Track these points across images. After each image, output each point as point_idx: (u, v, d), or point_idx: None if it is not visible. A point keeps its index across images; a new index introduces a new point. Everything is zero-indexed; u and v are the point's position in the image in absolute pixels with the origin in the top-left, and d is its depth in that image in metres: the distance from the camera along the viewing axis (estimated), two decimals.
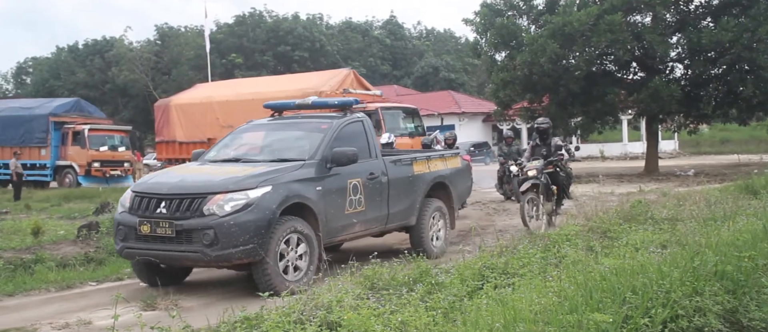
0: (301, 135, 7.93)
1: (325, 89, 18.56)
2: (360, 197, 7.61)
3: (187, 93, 24.73)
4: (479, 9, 25.02)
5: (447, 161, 9.39)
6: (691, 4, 24.16)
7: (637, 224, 7.96)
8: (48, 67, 61.32)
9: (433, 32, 73.79)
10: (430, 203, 8.78)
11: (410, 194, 8.43)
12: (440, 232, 9.00)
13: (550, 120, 11.46)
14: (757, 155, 28.89)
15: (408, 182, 8.41)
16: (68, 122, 25.19)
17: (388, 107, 19.32)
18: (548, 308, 3.98)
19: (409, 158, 8.71)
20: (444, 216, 9.07)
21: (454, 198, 9.38)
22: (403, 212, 8.35)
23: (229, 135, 8.62)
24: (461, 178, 9.73)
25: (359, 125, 8.12)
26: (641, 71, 24.99)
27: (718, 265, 4.50)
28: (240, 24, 55.32)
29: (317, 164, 7.20)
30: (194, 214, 6.45)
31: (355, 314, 4.26)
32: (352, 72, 20.36)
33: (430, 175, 8.82)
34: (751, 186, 11.91)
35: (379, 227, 8.17)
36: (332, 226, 7.26)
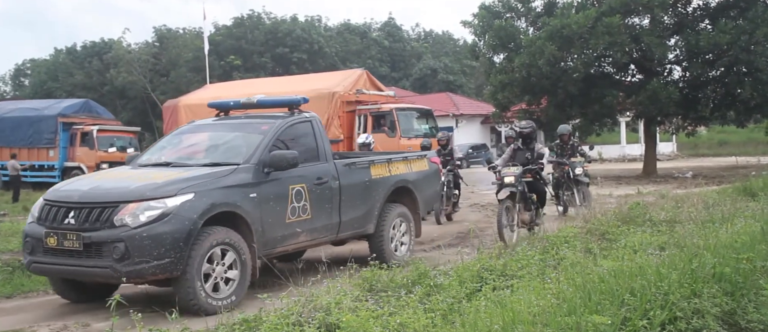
0: (240, 137, 7.35)
1: (338, 89, 18.42)
2: (305, 204, 7.02)
3: (196, 94, 24.39)
4: (477, 11, 25.05)
5: (411, 163, 8.76)
6: (689, 7, 24.21)
7: (636, 226, 7.97)
8: (46, 69, 61.22)
9: (432, 34, 73.83)
10: (392, 209, 8.23)
11: (367, 200, 7.85)
12: (404, 240, 8.46)
13: (538, 123, 11.39)
14: (754, 157, 28.91)
15: (364, 188, 7.82)
16: (77, 123, 24.97)
17: (402, 108, 19.21)
18: (547, 310, 3.98)
19: (365, 161, 8.13)
20: (408, 223, 8.51)
21: (420, 204, 8.75)
22: (359, 219, 7.78)
23: (168, 136, 8.08)
24: (428, 182, 9.10)
25: (307, 126, 7.55)
26: (639, 73, 25.02)
27: (716, 267, 4.51)
28: (238, 26, 55.31)
29: (252, 169, 6.62)
30: (104, 225, 5.85)
31: (354, 316, 4.26)
32: (365, 72, 20.19)
33: (391, 179, 8.21)
34: (749, 188, 11.93)
35: (330, 237, 7.58)
36: (270, 236, 6.67)
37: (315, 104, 18.57)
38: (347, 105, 18.55)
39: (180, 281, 5.88)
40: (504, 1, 25.13)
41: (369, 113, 18.55)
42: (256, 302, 5.57)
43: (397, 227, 8.34)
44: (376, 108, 18.66)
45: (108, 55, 54.62)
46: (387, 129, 18.16)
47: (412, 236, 8.60)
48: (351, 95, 18.64)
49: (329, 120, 18.09)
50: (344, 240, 8.18)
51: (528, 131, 9.86)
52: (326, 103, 18.19)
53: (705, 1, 24.03)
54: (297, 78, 28.24)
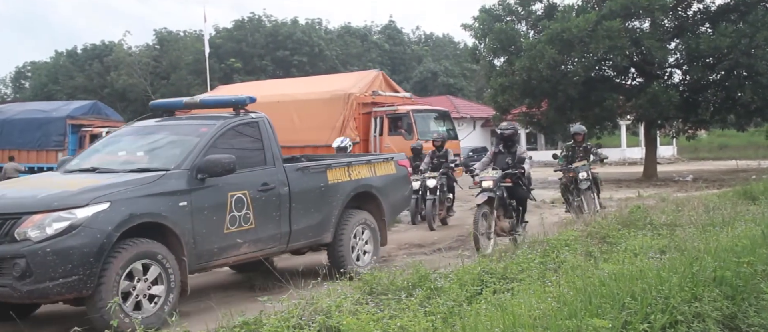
0: (175, 140, 6.78)
1: (354, 90, 18.27)
2: (247, 213, 6.49)
3: (210, 95, 24.59)
4: (478, 14, 25.06)
5: (375, 167, 8.20)
6: (690, 10, 24.23)
7: (636, 229, 7.97)
8: (46, 71, 61.27)
9: (432, 37, 73.86)
10: (353, 217, 7.72)
11: (323, 206, 7.33)
12: (367, 248, 7.95)
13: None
14: (755, 160, 28.89)
15: (319, 194, 7.31)
16: (85, 125, 24.67)
17: (419, 110, 18.90)
18: (547, 313, 3.98)
19: (322, 165, 7.59)
20: (372, 231, 7.98)
21: (386, 210, 8.20)
22: (314, 227, 7.25)
23: (104, 139, 7.59)
24: (395, 187, 8.51)
25: (253, 128, 7.04)
26: (640, 77, 25.03)
27: (716, 271, 4.51)
28: (239, 29, 55.34)
29: (184, 175, 6.09)
30: (4, 239, 5.29)
31: (354, 319, 4.26)
32: (380, 73, 20.00)
33: (351, 184, 7.71)
34: (750, 192, 11.93)
35: (279, 247, 7.03)
36: (205, 248, 6.15)
37: (330, 105, 18.27)
38: (363, 107, 18.33)
39: (92, 300, 5.35)
40: (504, 4, 25.16)
41: (385, 114, 18.30)
42: (257, 305, 5.57)
43: (360, 236, 7.81)
44: (393, 110, 18.39)
45: (108, 58, 54.69)
46: (404, 131, 17.85)
47: (377, 245, 8.06)
48: (367, 96, 18.43)
49: (345, 122, 17.94)
50: (301, 250, 7.73)
51: (509, 134, 9.29)
52: (342, 104, 18.07)
53: (705, 4, 24.06)
54: (312, 79, 27.95)
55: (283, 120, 18.87)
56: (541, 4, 25.08)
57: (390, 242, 10.46)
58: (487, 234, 8.64)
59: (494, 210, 8.72)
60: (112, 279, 5.37)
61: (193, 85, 48.91)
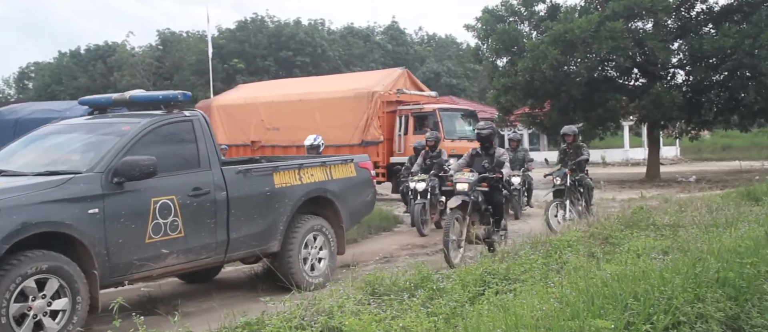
0: (93, 140, 6.21)
1: (378, 88, 18.05)
2: (175, 221, 5.90)
3: (230, 94, 24.17)
4: (481, 15, 25.06)
5: (331, 169, 7.61)
6: (693, 11, 24.19)
7: (639, 230, 7.96)
8: (50, 72, 61.41)
9: (435, 38, 73.83)
10: (304, 223, 7.13)
11: (268, 213, 6.73)
12: (322, 258, 7.36)
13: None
14: (758, 161, 28.83)
15: (263, 199, 6.71)
16: None
17: (445, 108, 18.56)
18: (550, 314, 3.98)
19: (267, 167, 7.05)
20: (328, 238, 7.40)
21: (344, 216, 7.64)
22: (257, 235, 6.65)
23: (26, 137, 6.93)
24: (355, 191, 7.93)
25: (185, 127, 6.39)
26: (643, 77, 25.00)
27: (720, 272, 4.50)
28: (242, 29, 55.39)
29: (97, 178, 5.48)
30: None
31: (357, 319, 4.26)
32: (405, 71, 19.77)
33: (302, 188, 7.12)
34: (753, 193, 11.92)
35: (216, 257, 6.43)
36: (121, 260, 5.56)
37: (354, 103, 18.17)
38: (387, 105, 18.07)
39: None
40: (507, 5, 25.15)
41: (410, 113, 17.95)
42: (259, 305, 5.57)
43: (312, 244, 7.23)
44: (418, 108, 18.05)
45: (112, 59, 54.81)
46: (429, 130, 17.59)
47: (332, 254, 7.46)
48: (391, 94, 18.15)
49: (368, 121, 17.83)
50: (236, 260, 7.14)
51: (486, 134, 8.71)
52: (365, 103, 17.90)
53: (709, 5, 24.01)
54: (335, 77, 27.76)
55: (305, 119, 18.88)
56: (544, 5, 25.07)
57: (392, 243, 10.47)
58: (457, 242, 8.02)
59: (467, 216, 8.16)
60: (1, 298, 4.75)
61: (197, 85, 48.98)
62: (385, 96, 18.00)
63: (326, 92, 19.77)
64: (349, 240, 10.66)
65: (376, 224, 11.85)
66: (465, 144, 17.02)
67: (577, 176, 10.85)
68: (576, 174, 10.84)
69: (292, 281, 6.60)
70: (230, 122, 21.20)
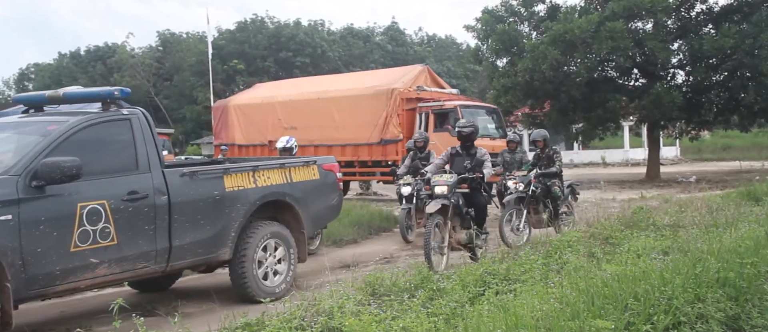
0: (17, 140, 5.76)
1: (398, 85, 17.73)
2: (106, 227, 5.41)
3: (247, 93, 23.91)
4: (480, 15, 25.09)
5: (291, 172, 7.15)
6: (693, 11, 24.21)
7: (639, 230, 7.96)
8: (50, 73, 61.45)
9: (435, 38, 73.84)
10: (260, 229, 6.68)
11: (217, 218, 6.27)
12: (280, 266, 6.89)
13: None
14: (759, 161, 28.83)
15: (212, 203, 6.25)
16: None
17: (467, 105, 18.01)
18: (550, 314, 3.97)
19: (218, 169, 6.56)
20: (287, 245, 6.93)
21: (305, 221, 7.18)
22: (205, 242, 6.19)
23: None
24: (318, 195, 7.47)
25: (122, 125, 5.91)
26: (643, 78, 25.02)
27: (720, 272, 4.50)
28: (242, 30, 55.41)
29: (11, 182, 5.02)
30: None
31: (357, 320, 4.25)
32: (426, 68, 19.41)
33: (256, 192, 6.65)
34: (753, 193, 11.92)
35: (156, 266, 5.90)
36: (40, 271, 5.07)
37: (373, 101, 17.85)
38: (407, 102, 17.71)
39: None
40: (507, 5, 25.17)
41: (431, 110, 17.48)
42: (259, 306, 5.57)
43: (270, 251, 6.80)
44: (439, 105, 17.57)
45: (112, 60, 54.87)
46: (450, 127, 16.67)
47: (293, 262, 7.00)
48: (411, 91, 17.80)
49: (388, 118, 17.52)
50: (182, 269, 6.63)
51: (468, 132, 8.26)
52: (384, 100, 17.59)
53: (709, 5, 24.04)
54: (354, 75, 27.34)
55: (323, 118, 18.65)
56: (543, 5, 25.10)
57: (392, 244, 10.47)
58: (440, 249, 7.60)
59: (448, 221, 7.73)
60: None
61: (196, 86, 49.05)
62: (404, 93, 17.65)
63: (345, 90, 19.44)
64: (349, 241, 10.72)
65: (377, 225, 11.87)
66: (487, 143, 16.64)
67: (548, 183, 10.00)
68: (545, 180, 10.01)
69: (245, 291, 6.34)
70: (247, 121, 20.93)
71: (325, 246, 10.42)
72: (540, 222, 9.70)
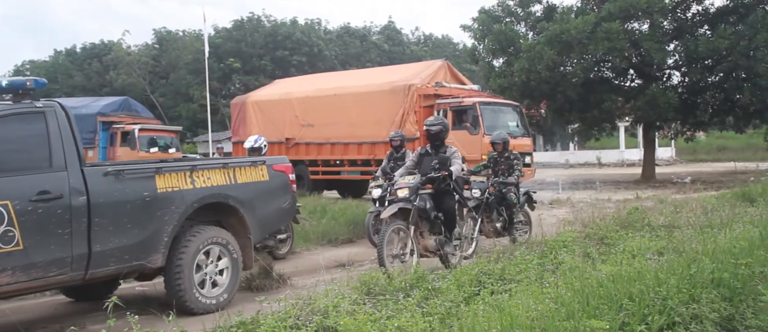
0: None
1: (415, 81, 17.24)
2: (9, 231, 4.98)
3: (265, 89, 23.45)
4: (477, 15, 25.09)
5: (236, 172, 6.60)
6: (689, 12, 24.27)
7: (634, 231, 7.98)
8: (45, 70, 61.29)
9: (432, 38, 73.90)
10: (198, 234, 6.15)
11: (147, 222, 5.75)
12: (222, 276, 6.35)
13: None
14: (753, 162, 28.95)
15: (141, 205, 5.73)
16: (116, 122, 23.45)
17: (487, 102, 17.31)
18: (545, 314, 3.97)
19: (148, 168, 6.01)
20: (229, 252, 6.38)
21: (251, 226, 6.65)
22: (131, 248, 5.66)
23: None
24: (266, 197, 6.94)
25: (35, 120, 5.47)
26: (638, 78, 25.08)
27: (714, 272, 4.51)
28: (238, 28, 55.33)
29: None
30: None
31: (352, 319, 4.25)
32: (445, 64, 18.85)
33: (194, 194, 6.12)
34: (748, 194, 11.95)
35: (72, 274, 5.40)
36: None
37: (390, 97, 17.23)
38: (425, 99, 17.10)
39: None
40: (504, 5, 25.18)
41: (449, 107, 16.84)
42: (254, 304, 5.56)
43: (211, 258, 6.28)
44: (457, 102, 16.91)
45: (108, 57, 54.73)
46: (469, 126, 16.29)
47: (236, 269, 6.45)
48: (429, 87, 17.22)
49: (405, 115, 16.96)
50: (104, 278, 5.92)
51: (436, 130, 7.64)
52: (402, 96, 17.06)
53: (704, 6, 24.11)
54: (372, 70, 26.56)
55: (340, 114, 18.05)
56: (540, 6, 25.12)
57: None
58: (400, 256, 7.05)
59: (412, 225, 7.20)
60: None
61: (192, 84, 48.97)
62: (422, 89, 17.03)
63: (361, 86, 18.92)
64: (344, 240, 10.72)
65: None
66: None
67: (504, 190, 9.39)
68: (502, 188, 9.39)
69: (180, 302, 5.81)
70: (264, 118, 20.36)
71: (320, 246, 10.42)
72: (493, 231, 9.20)
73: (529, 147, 17.40)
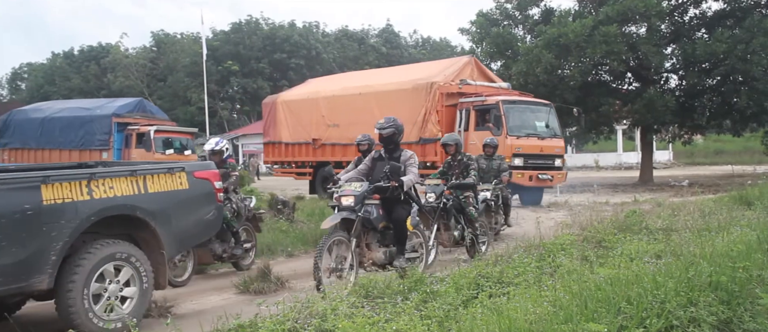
0: None
1: (438, 79, 16.52)
2: None
3: (296, 89, 22.97)
4: (475, 18, 25.16)
5: (146, 181, 5.80)
6: (686, 16, 24.36)
7: (632, 234, 7.98)
8: (43, 73, 61.30)
9: (430, 41, 74.00)
10: (97, 251, 5.35)
11: (28, 239, 4.95)
12: (127, 295, 5.54)
13: (396, 122, 7.05)
14: (750, 165, 29.01)
15: (21, 220, 4.90)
16: (132, 124, 22.90)
17: (511, 101, 16.23)
18: (543, 317, 3.98)
19: (33, 177, 5.12)
20: (137, 271, 5.59)
21: (166, 241, 5.88)
22: (7, 270, 4.86)
23: None
24: (185, 208, 6.17)
25: None
26: (636, 82, 25.14)
27: (712, 276, 4.51)
28: (236, 31, 55.38)
29: None
30: None
31: (350, 322, 4.24)
32: (472, 60, 18.08)
33: (90, 205, 5.31)
34: (745, 197, 11.96)
35: None
36: None
37: (412, 96, 16.49)
38: (448, 98, 16.25)
39: None
40: (501, 8, 25.23)
41: (472, 106, 15.99)
42: (252, 307, 5.55)
43: (112, 278, 5.44)
44: (480, 101, 15.98)
45: (105, 60, 54.76)
46: (492, 126, 15.44)
47: (145, 290, 5.63)
48: (452, 85, 16.38)
49: (426, 115, 16.21)
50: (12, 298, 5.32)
51: (387, 133, 6.93)
52: (424, 95, 16.32)
53: (702, 10, 24.19)
54: (401, 68, 25.78)
55: (364, 114, 17.04)
56: (538, 9, 25.18)
57: None
58: (338, 271, 6.36)
59: (354, 238, 6.55)
60: None
61: (190, 87, 48.97)
62: (445, 87, 16.16)
63: (385, 84, 18.17)
64: None
65: None
66: (534, 143, 15.71)
67: (461, 196, 8.79)
68: (457, 192, 8.78)
69: (72, 325, 4.99)
70: (293, 118, 19.85)
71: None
72: (450, 240, 8.59)
73: (560, 149, 16.82)
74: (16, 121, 24.97)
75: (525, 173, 15.66)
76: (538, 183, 16.15)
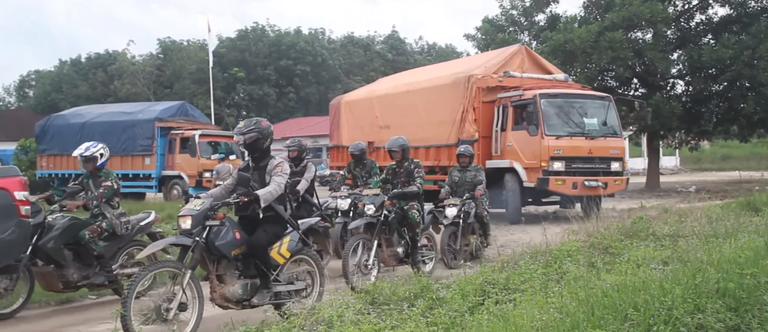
0: None
1: (477, 71, 14.50)
2: None
3: (361, 90, 21.78)
4: (481, 25, 25.15)
5: None
6: (692, 21, 24.30)
7: (639, 240, 7.96)
8: (50, 80, 61.56)
9: (435, 47, 74.01)
10: None
11: None
12: None
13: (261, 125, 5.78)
14: (758, 171, 28.82)
15: None
16: (175, 128, 22.30)
17: (551, 94, 13.77)
18: (550, 324, 3.97)
19: None
20: None
21: None
22: None
23: None
24: None
25: None
26: (642, 88, 25.08)
27: (720, 282, 4.49)
28: (242, 38, 55.55)
29: None
30: None
31: (356, 329, 4.25)
32: (523, 48, 15.91)
33: None
34: (753, 203, 11.91)
35: None
36: None
37: (451, 92, 14.63)
38: (487, 93, 14.25)
39: None
40: (507, 14, 25.24)
41: (510, 102, 13.88)
42: (258, 314, 5.56)
43: None
44: (518, 95, 13.80)
45: (112, 67, 55.00)
46: (528, 125, 13.55)
47: None
48: (492, 78, 14.25)
49: (464, 113, 14.28)
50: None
51: (250, 138, 5.71)
52: (462, 90, 14.32)
53: (708, 16, 24.14)
54: (450, 62, 23.78)
55: (411, 114, 15.96)
56: (543, 15, 25.16)
57: None
58: (162, 314, 4.99)
59: (190, 268, 5.25)
60: None
61: (197, 94, 49.10)
62: (483, 81, 14.09)
63: (428, 80, 16.45)
64: None
65: None
66: (580, 143, 13.46)
67: (405, 207, 7.90)
68: (401, 203, 7.90)
69: None
70: (352, 120, 18.34)
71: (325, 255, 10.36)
72: (393, 258, 7.83)
73: (619, 151, 14.30)
74: (55, 126, 24.47)
75: (567, 180, 13.38)
76: (583, 192, 13.61)
